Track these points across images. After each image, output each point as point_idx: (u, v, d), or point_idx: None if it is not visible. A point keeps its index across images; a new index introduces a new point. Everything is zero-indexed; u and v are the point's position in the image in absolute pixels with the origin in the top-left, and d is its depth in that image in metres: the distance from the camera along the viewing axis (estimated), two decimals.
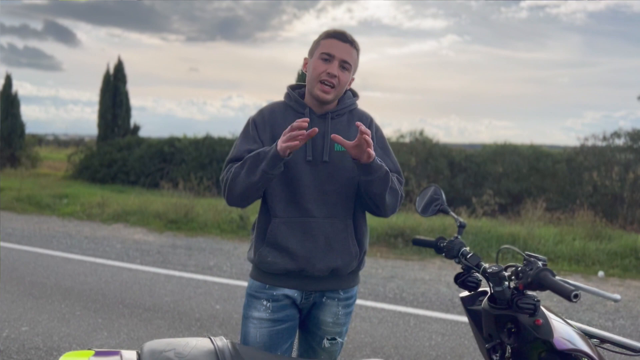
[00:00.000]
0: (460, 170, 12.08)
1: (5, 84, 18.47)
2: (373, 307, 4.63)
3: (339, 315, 1.86)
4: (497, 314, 1.43)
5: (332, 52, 1.75)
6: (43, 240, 7.20)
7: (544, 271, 1.29)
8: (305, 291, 1.81)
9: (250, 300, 1.84)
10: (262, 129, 1.82)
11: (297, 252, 1.74)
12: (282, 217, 1.77)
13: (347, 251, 1.80)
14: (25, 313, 4.16)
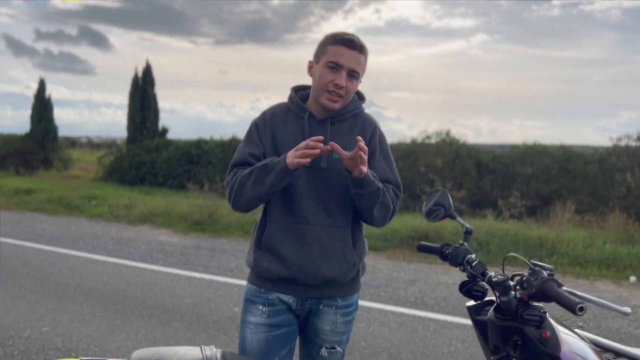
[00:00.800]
0: (487, 171, 11.85)
1: (39, 89, 18.98)
2: (392, 311, 4.55)
3: (338, 323, 1.80)
4: (502, 325, 1.36)
5: (340, 61, 1.68)
6: (70, 241, 7.33)
7: (549, 282, 1.22)
8: (300, 297, 1.77)
9: (247, 304, 1.82)
10: (264, 133, 1.79)
11: (291, 259, 1.71)
12: (278, 222, 1.73)
13: (345, 260, 1.75)
14: (47, 313, 4.23)
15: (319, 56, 1.73)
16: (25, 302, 4.50)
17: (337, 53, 1.68)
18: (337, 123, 1.77)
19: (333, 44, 1.69)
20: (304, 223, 1.71)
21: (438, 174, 11.64)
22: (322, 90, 1.70)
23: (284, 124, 1.78)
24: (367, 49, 1.74)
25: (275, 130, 1.78)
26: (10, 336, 3.73)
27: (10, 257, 6.24)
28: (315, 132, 1.73)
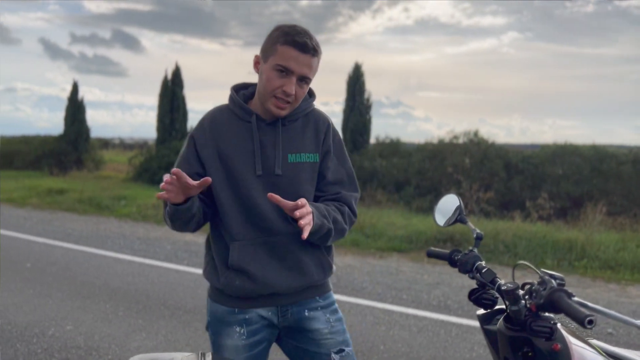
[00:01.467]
0: (517, 172, 11.62)
1: (73, 91, 19.44)
2: (414, 314, 4.48)
3: (331, 322, 1.71)
4: (512, 336, 1.31)
5: (291, 66, 1.51)
6: (98, 241, 7.47)
7: (558, 292, 1.16)
8: (280, 307, 1.67)
9: (219, 327, 1.68)
10: (203, 145, 1.62)
11: (267, 276, 1.60)
12: (241, 240, 1.60)
13: (320, 265, 1.67)
14: (72, 312, 4.31)
15: (267, 55, 1.55)
16: (52, 301, 4.60)
17: (288, 57, 1.51)
18: (288, 123, 1.64)
19: (284, 44, 1.51)
20: (270, 235, 1.60)
21: (465, 174, 11.47)
22: (269, 95, 1.55)
23: (228, 130, 1.61)
24: (320, 50, 1.58)
25: (218, 140, 1.61)
26: (35, 334, 3.81)
27: (41, 256, 6.39)
28: (265, 136, 1.60)
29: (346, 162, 1.74)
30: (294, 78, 1.53)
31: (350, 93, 14.25)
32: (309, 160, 1.64)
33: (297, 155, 1.63)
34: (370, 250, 7.27)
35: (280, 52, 1.52)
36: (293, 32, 1.52)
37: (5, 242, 7.23)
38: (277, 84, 1.53)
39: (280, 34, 1.53)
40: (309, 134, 1.66)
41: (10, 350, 3.51)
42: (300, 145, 1.63)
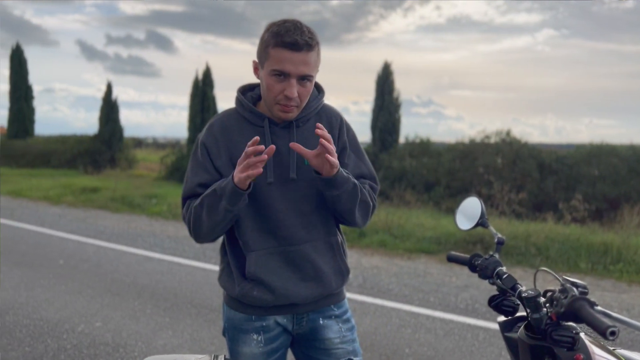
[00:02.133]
0: (550, 172, 11.35)
1: (107, 91, 19.89)
2: (441, 318, 4.41)
3: (343, 331, 1.69)
4: (533, 345, 1.26)
5: (286, 69, 1.43)
6: (129, 239, 7.61)
7: (579, 301, 1.11)
8: (296, 316, 1.65)
9: (236, 334, 1.65)
10: (216, 154, 1.56)
11: (285, 286, 1.57)
12: (258, 250, 1.56)
13: (338, 272, 1.64)
14: (101, 309, 4.39)
15: (262, 60, 1.49)
16: (82, 298, 4.70)
17: (281, 59, 1.43)
18: (302, 125, 1.58)
19: (275, 47, 1.43)
20: (288, 245, 1.56)
21: (497, 175, 11.26)
22: (273, 102, 1.49)
23: (240, 136, 1.55)
24: (316, 40, 1.46)
25: (230, 147, 1.55)
26: (66, 330, 3.90)
27: (73, 253, 6.54)
28: (279, 140, 1.54)
29: (364, 156, 1.71)
30: (293, 80, 1.45)
31: (379, 92, 14.16)
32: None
33: None
34: (398, 252, 7.20)
35: (272, 56, 1.45)
36: (282, 31, 1.43)
37: (40, 239, 7.44)
38: (278, 89, 1.46)
39: (270, 35, 1.46)
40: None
41: (41, 346, 3.60)
42: (315, 146, 1.56)
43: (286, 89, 1.45)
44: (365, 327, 4.12)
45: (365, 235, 7.86)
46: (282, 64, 1.43)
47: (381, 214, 8.68)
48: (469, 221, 1.61)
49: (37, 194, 12.54)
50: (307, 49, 1.44)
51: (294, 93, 1.46)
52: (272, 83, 1.47)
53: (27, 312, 4.28)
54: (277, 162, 1.55)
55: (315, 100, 1.62)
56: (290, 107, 1.50)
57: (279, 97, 1.48)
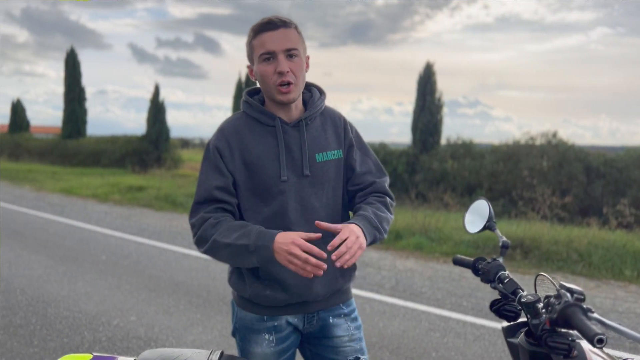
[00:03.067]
0: (597, 176, 10.94)
1: (155, 93, 20.49)
2: (472, 322, 4.33)
3: (351, 330, 1.71)
4: (531, 351, 1.23)
5: (270, 47, 1.51)
6: (170, 236, 7.82)
7: (571, 307, 1.08)
8: (307, 314, 1.67)
9: (248, 334, 1.67)
10: (230, 158, 1.57)
11: (297, 283, 1.58)
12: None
13: (348, 269, 1.68)
14: (137, 304, 4.54)
15: (251, 56, 1.58)
16: (120, 292, 4.87)
17: (263, 42, 1.52)
18: (310, 123, 1.63)
19: (255, 36, 1.54)
20: None
21: (542, 178, 10.95)
22: (270, 86, 1.53)
23: (253, 137, 1.58)
24: (292, 22, 1.56)
25: (244, 149, 1.57)
26: (102, 323, 4.05)
27: (116, 249, 6.78)
28: (290, 139, 1.59)
29: (369, 151, 1.75)
30: (280, 56, 1.51)
31: (421, 93, 14.01)
32: (335, 158, 1.65)
33: (323, 154, 1.63)
34: (434, 255, 7.11)
35: (256, 44, 1.54)
36: (259, 21, 1.55)
37: (86, 235, 7.74)
38: (270, 71, 1.52)
39: (251, 31, 1.57)
40: (330, 131, 1.66)
41: (78, 338, 3.76)
42: (325, 143, 1.63)
43: (277, 67, 1.51)
44: (393, 329, 4.10)
45: (402, 237, 7.80)
46: (265, 45, 1.52)
47: (418, 216, 8.59)
48: (477, 224, 1.59)
49: (86, 192, 13.04)
50: (283, 26, 1.53)
51: (285, 66, 1.51)
52: (264, 68, 1.53)
53: (68, 304, 4.47)
54: (290, 160, 1.58)
55: (319, 101, 1.67)
56: (288, 87, 1.53)
57: (274, 79, 1.52)
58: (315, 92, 1.69)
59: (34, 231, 7.94)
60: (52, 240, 7.28)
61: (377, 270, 6.11)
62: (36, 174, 17.85)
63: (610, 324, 1.07)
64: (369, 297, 4.98)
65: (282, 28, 1.52)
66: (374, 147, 15.15)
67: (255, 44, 1.54)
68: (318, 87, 1.72)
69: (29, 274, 5.44)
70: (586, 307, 1.10)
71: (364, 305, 4.69)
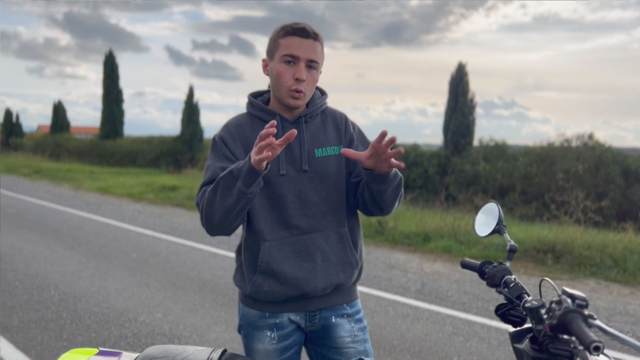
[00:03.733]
0: (636, 179, 10.59)
1: (189, 94, 20.86)
2: (497, 327, 4.26)
3: (355, 331, 1.71)
4: (535, 357, 1.21)
5: (296, 52, 1.55)
6: (199, 236, 7.94)
7: (571, 313, 1.05)
8: (308, 312, 1.68)
9: (250, 330, 1.70)
10: (234, 145, 1.62)
11: (296, 275, 1.60)
12: (271, 240, 1.61)
13: (347, 262, 1.67)
14: (164, 301, 4.63)
15: (273, 52, 1.60)
16: (148, 289, 4.97)
17: (291, 45, 1.55)
18: (309, 120, 1.67)
19: (285, 36, 1.57)
20: (300, 234, 1.62)
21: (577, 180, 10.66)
22: (283, 88, 1.57)
23: (252, 132, 1.61)
24: (321, 37, 1.61)
25: (245, 141, 1.62)
26: (129, 319, 4.15)
27: (146, 247, 6.93)
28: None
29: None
30: (302, 64, 1.56)
31: (453, 93, 13.84)
32: (335, 153, 1.68)
33: (323, 149, 1.66)
34: (463, 258, 7.00)
35: (283, 44, 1.57)
36: (292, 23, 1.58)
37: (119, 233, 7.94)
38: (289, 74, 1.56)
39: (281, 29, 1.60)
40: (330, 127, 1.70)
41: (105, 333, 3.86)
42: (324, 139, 1.67)
43: (296, 72, 1.55)
44: (415, 332, 4.07)
45: (430, 240, 7.73)
46: (292, 48, 1.55)
47: (448, 219, 8.49)
48: (487, 227, 1.57)
49: (121, 191, 13.37)
50: (314, 38, 1.58)
51: (304, 75, 1.55)
52: (283, 69, 1.56)
53: (97, 300, 4.60)
54: (289, 155, 1.62)
55: (320, 100, 1.72)
56: (299, 94, 1.57)
57: (289, 83, 1.56)
58: (316, 92, 1.73)
59: (70, 229, 8.19)
60: (87, 237, 7.50)
61: (403, 273, 6.07)
62: (75, 173, 18.39)
63: (612, 332, 1.04)
64: (393, 300, 4.95)
65: (312, 39, 1.57)
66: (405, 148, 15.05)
67: (282, 43, 1.57)
68: (320, 88, 1.76)
69: (62, 270, 5.62)
70: (588, 313, 1.07)
71: (387, 308, 4.67)
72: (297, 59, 1.55)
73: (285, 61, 1.56)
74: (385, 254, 7.16)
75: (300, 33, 1.56)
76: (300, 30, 1.56)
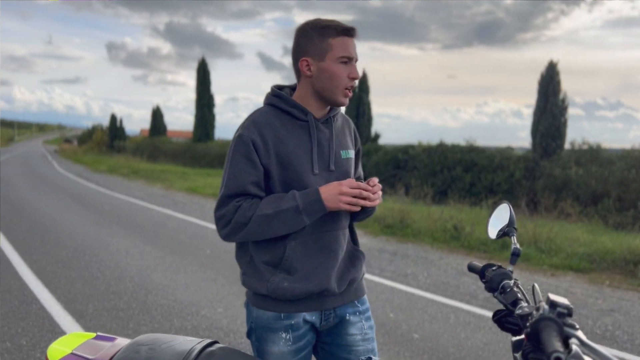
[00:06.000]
0: None
1: None
2: None
3: (365, 329, 1.71)
4: None
5: (352, 53, 1.58)
6: None
7: (544, 321, 0.96)
8: (324, 311, 1.66)
9: (265, 333, 1.65)
10: (264, 152, 1.57)
11: (318, 271, 1.60)
12: (298, 238, 1.59)
13: (357, 258, 1.72)
14: (226, 297, 4.79)
15: (323, 53, 1.57)
16: (215, 285, 5.17)
17: (346, 45, 1.57)
18: (335, 121, 1.70)
19: (337, 36, 1.57)
20: (322, 231, 1.62)
21: None
22: (339, 87, 1.58)
23: (286, 131, 1.59)
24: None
25: (278, 142, 1.58)
26: (191, 312, 4.33)
27: (220, 244, 7.19)
28: (321, 135, 1.64)
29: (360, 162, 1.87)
30: (355, 64, 1.61)
31: (542, 94, 13.12)
32: (351, 157, 1.73)
33: (345, 152, 1.70)
34: (542, 267, 6.62)
35: (335, 45, 1.57)
36: (333, 23, 1.58)
37: (198, 230, 8.32)
38: (345, 73, 1.58)
39: (323, 29, 1.57)
40: (347, 131, 1.74)
41: (167, 324, 4.06)
42: (345, 142, 1.71)
43: (351, 72, 1.59)
44: (474, 341, 3.89)
45: (508, 247, 7.37)
46: (348, 49, 1.58)
47: (528, 226, 8.07)
48: (497, 229, 1.48)
49: (208, 191, 14.00)
50: (357, 38, 1.62)
51: (359, 74, 1.62)
52: (340, 70, 1.58)
53: (166, 293, 4.85)
54: (320, 154, 1.63)
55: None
56: (351, 92, 1.63)
57: (345, 82, 1.59)
58: None
59: (154, 225, 8.70)
60: (168, 234, 7.93)
61: (474, 280, 5.83)
62: (168, 174, 19.53)
63: (590, 345, 0.94)
64: (456, 307, 4.78)
65: (355, 39, 1.61)
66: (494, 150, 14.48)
67: (334, 44, 1.57)
68: None
69: (140, 263, 5.98)
70: (569, 322, 0.98)
71: (448, 315, 4.51)
72: (352, 59, 1.59)
73: (342, 62, 1.57)
74: (458, 260, 6.93)
75: (350, 33, 1.58)
76: (351, 30, 1.58)
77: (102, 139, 41.87)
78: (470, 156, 14.07)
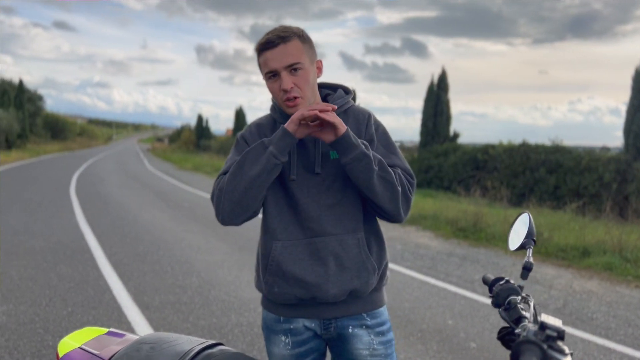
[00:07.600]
0: None
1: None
2: (613, 349, 3.66)
3: (374, 345, 1.60)
4: None
5: (272, 66, 1.52)
6: None
7: (525, 345, 0.87)
8: (322, 320, 1.60)
9: (268, 334, 1.69)
10: (254, 142, 1.63)
11: (306, 278, 1.55)
12: (284, 240, 1.58)
13: (364, 268, 1.57)
14: None
15: (262, 72, 1.59)
16: None
17: (266, 61, 1.53)
18: None
19: (259, 54, 1.56)
20: (313, 236, 1.56)
21: None
22: (280, 102, 1.57)
23: (271, 134, 1.62)
24: (292, 32, 1.54)
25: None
26: (248, 309, 4.43)
27: None
28: (307, 137, 1.58)
29: (397, 150, 1.66)
30: (283, 73, 1.52)
31: (636, 90, 12.15)
32: None
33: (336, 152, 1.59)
34: (626, 278, 6.13)
35: (261, 63, 1.57)
36: (260, 40, 1.56)
37: None
38: (276, 88, 1.55)
39: (256, 48, 1.59)
40: (351, 127, 1.60)
41: (224, 319, 4.18)
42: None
43: (281, 84, 1.53)
44: None
45: (589, 254, 6.91)
46: (268, 64, 1.53)
47: (614, 232, 7.51)
48: (518, 241, 1.38)
49: None
50: (282, 42, 1.52)
51: (288, 84, 1.52)
52: (271, 85, 1.57)
53: (228, 289, 4.99)
54: (304, 156, 1.59)
55: (341, 100, 1.65)
56: (294, 101, 1.54)
57: (280, 95, 1.55)
58: (339, 91, 1.68)
59: None
60: (239, 231, 8.15)
61: (547, 289, 5.52)
62: None
63: None
64: None
65: (281, 45, 1.52)
66: (582, 151, 13.64)
67: (261, 62, 1.57)
68: (345, 87, 1.71)
69: (208, 259, 6.20)
70: (559, 347, 0.89)
71: None
72: (276, 71, 1.53)
73: (269, 77, 1.56)
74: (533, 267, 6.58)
75: (266, 46, 1.53)
76: (265, 43, 1.53)
77: (189, 138, 43.96)
78: (555, 157, 13.31)
